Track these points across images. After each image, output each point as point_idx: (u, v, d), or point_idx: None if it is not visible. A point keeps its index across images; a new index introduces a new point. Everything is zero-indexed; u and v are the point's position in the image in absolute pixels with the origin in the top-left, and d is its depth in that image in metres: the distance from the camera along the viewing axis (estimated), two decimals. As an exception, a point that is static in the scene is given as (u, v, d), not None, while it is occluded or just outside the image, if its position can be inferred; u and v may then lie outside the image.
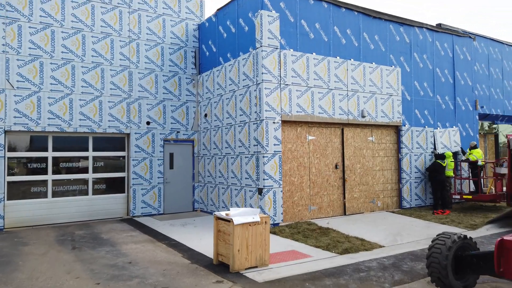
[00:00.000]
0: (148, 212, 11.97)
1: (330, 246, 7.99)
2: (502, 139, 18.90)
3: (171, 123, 12.55)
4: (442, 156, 12.43)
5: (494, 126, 18.38)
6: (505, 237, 4.75)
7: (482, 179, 12.81)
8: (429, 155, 13.20)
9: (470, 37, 15.01)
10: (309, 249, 7.89)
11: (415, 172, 12.81)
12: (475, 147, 13.32)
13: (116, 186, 11.85)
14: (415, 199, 12.75)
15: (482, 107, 15.76)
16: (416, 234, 9.17)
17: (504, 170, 12.27)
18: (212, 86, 12.21)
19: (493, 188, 12.76)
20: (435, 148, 13.32)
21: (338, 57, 11.22)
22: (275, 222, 9.74)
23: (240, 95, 10.71)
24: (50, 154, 10.87)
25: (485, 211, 12.10)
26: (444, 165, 12.36)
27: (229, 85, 11.24)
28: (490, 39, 16.82)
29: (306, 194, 10.64)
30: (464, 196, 12.23)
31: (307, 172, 10.67)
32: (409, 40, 12.99)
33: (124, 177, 11.93)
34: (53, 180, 10.88)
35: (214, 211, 11.78)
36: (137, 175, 11.85)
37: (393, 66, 12.46)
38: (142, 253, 7.61)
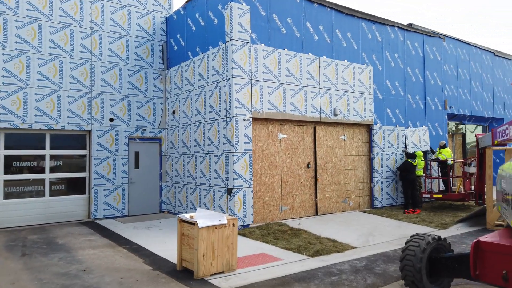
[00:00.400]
0: (111, 214, 11.29)
1: (301, 248, 7.68)
2: (469, 139, 19.34)
3: (137, 120, 11.91)
4: (413, 155, 12.43)
5: (462, 126, 18.76)
6: (481, 239, 4.55)
7: (451, 178, 12.90)
8: (400, 154, 13.19)
9: (440, 37, 15.17)
10: (279, 251, 7.54)
11: (387, 171, 12.76)
12: (444, 146, 13.44)
13: (76, 186, 11.10)
14: (387, 199, 12.70)
15: (451, 107, 15.98)
16: (388, 234, 9.02)
17: (472, 169, 12.40)
18: (180, 82, 11.67)
19: (462, 187, 12.89)
20: (406, 147, 13.33)
21: (310, 54, 10.96)
22: (245, 224, 9.34)
23: (209, 91, 10.24)
24: (1, 152, 10.02)
25: (454, 210, 12.19)
26: (415, 164, 12.36)
27: (198, 80, 10.75)
28: (458, 40, 17.10)
29: (278, 194, 10.31)
30: (434, 195, 12.28)
31: (278, 172, 10.34)
32: (381, 38, 12.92)
33: (85, 177, 11.19)
34: (4, 181, 10.02)
35: (182, 213, 11.25)
36: (99, 175, 11.14)
37: (365, 64, 12.34)
38: (99, 260, 7.02)
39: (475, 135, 11.60)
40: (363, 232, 9.19)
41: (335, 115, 11.39)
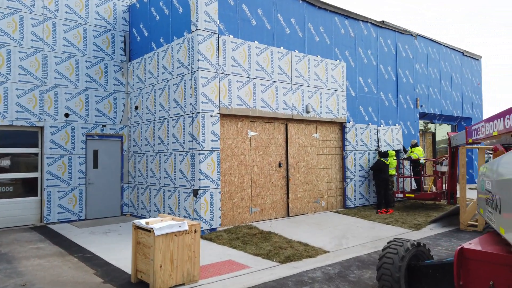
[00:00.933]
0: (67, 218, 10.36)
1: (271, 253, 7.14)
2: (438, 138, 19.49)
3: (96, 115, 11.02)
4: (386, 154, 12.19)
5: (432, 125, 18.87)
6: (465, 246, 4.15)
7: (423, 178, 12.76)
8: (373, 153, 12.93)
9: (411, 35, 15.06)
10: (248, 258, 6.97)
11: (359, 171, 12.46)
12: (416, 145, 13.30)
13: (26, 188, 10.10)
14: (359, 198, 12.40)
15: (422, 106, 15.94)
16: (361, 236, 8.65)
17: (444, 168, 12.30)
18: (143, 75, 10.87)
19: (434, 186, 12.79)
20: (378, 146, 13.09)
21: (282, 48, 10.45)
22: (212, 227, 8.72)
23: (174, 84, 9.53)
24: None
25: (426, 209, 12.04)
26: (388, 163, 12.13)
27: (162, 73, 10.01)
28: (429, 39, 17.12)
29: (247, 195, 9.74)
30: (407, 195, 12.09)
31: (248, 171, 9.77)
32: (354, 34, 12.60)
33: (36, 178, 10.20)
34: None
35: (145, 216, 10.49)
36: (53, 175, 10.19)
37: (338, 60, 11.97)
38: (44, 271, 6.21)
39: (447, 134, 11.48)
40: (336, 234, 8.77)
41: (308, 112, 10.95)
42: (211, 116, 8.80)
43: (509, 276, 3.74)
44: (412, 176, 13.24)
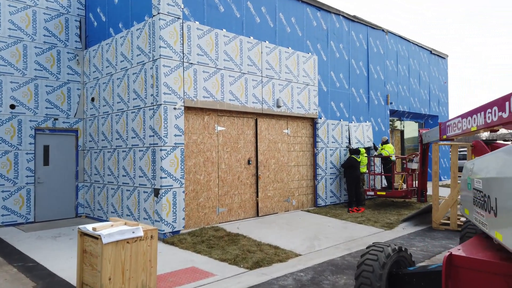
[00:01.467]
0: (12, 221, 9.31)
1: (238, 258, 6.55)
2: (407, 135, 19.59)
3: (47, 108, 9.99)
4: (357, 151, 11.89)
5: (398, 122, 18.91)
6: (454, 252, 3.73)
7: (394, 175, 12.57)
8: (344, 150, 12.62)
9: (383, 30, 14.89)
10: (213, 264, 6.35)
11: (331, 168, 12.10)
12: (386, 142, 13.13)
13: (-36, 188, 8.98)
14: (330, 197, 12.05)
15: (391, 103, 15.85)
16: (334, 236, 8.23)
17: (415, 166, 12.16)
18: (100, 64, 9.95)
19: (403, 184, 12.64)
20: (349, 143, 12.80)
21: (251, 37, 9.85)
22: (175, 230, 8.02)
23: (133, 74, 8.71)
24: None
25: (397, 207, 11.85)
26: (359, 160, 11.84)
27: (121, 61, 9.15)
28: (398, 36, 17.07)
29: (214, 194, 9.09)
30: (378, 193, 11.85)
31: (215, 169, 9.13)
32: (326, 27, 12.20)
33: (-24, 177, 9.09)
34: None
35: (102, 218, 9.63)
36: (-4, 173, 9.12)
37: (309, 53, 11.52)
38: (-28, 287, 5.32)
39: (419, 130, 11.32)
40: (308, 235, 8.31)
41: (278, 106, 10.42)
42: (175, 108, 8.08)
43: (503, 286, 3.34)
44: (383, 173, 13.06)
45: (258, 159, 10.13)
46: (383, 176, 13.34)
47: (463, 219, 9.06)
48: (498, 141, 5.72)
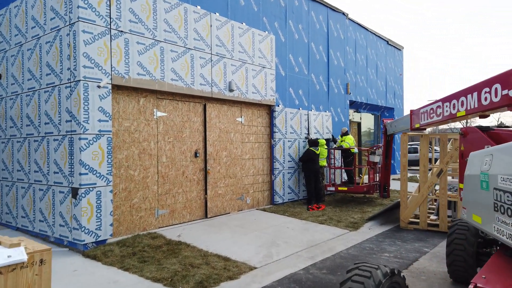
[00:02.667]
0: None
1: (178, 276, 5.13)
2: (364, 128, 19.04)
3: None
4: (316, 143, 10.81)
5: (357, 114, 18.26)
6: (480, 284, 2.58)
7: (356, 169, 11.68)
8: (303, 141, 11.51)
9: (343, 14, 13.94)
10: (143, 287, 4.87)
11: (289, 161, 10.93)
12: (346, 133, 12.20)
13: None
14: (288, 193, 10.89)
15: (350, 93, 15.05)
16: (294, 241, 7.03)
17: (377, 159, 11.34)
18: (8, 32, 7.95)
19: (362, 178, 11.80)
20: (308, 134, 11.71)
21: (199, 7, 8.33)
22: (100, 239, 6.39)
23: (47, 43, 6.88)
24: None
25: (359, 203, 10.96)
26: (318, 153, 10.78)
27: (32, 28, 7.25)
28: (357, 23, 16.30)
29: (153, 193, 7.54)
30: (339, 188, 10.87)
31: (154, 163, 7.56)
32: (285, 4, 10.94)
33: None
34: None
35: (11, 223, 7.75)
36: None
37: (266, 32, 10.21)
38: None
39: (382, 120, 10.45)
40: (264, 240, 7.04)
41: (231, 90, 9.02)
42: (99, 87, 6.40)
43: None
44: (343, 167, 12.13)
45: (207, 151, 8.69)
46: (343, 170, 12.44)
47: (433, 217, 8.26)
48: (499, 128, 4.76)
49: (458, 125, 46.92)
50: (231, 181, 9.32)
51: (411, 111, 7.77)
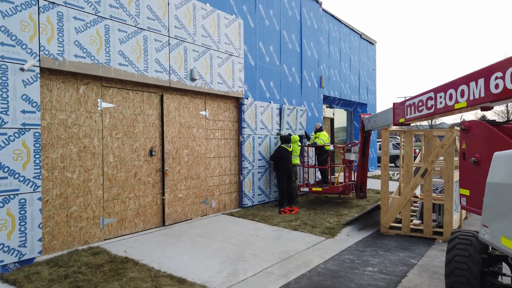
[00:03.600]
0: None
1: (116, 309, 4.02)
2: (337, 124, 18.38)
3: None
4: (288, 140, 9.89)
5: (330, 109, 17.55)
6: None
7: (330, 167, 10.86)
8: (275, 138, 10.56)
9: (317, 1, 13.07)
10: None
11: (259, 160, 9.96)
12: (320, 129, 11.36)
13: None
14: (259, 195, 9.92)
15: (323, 87, 14.26)
16: (264, 253, 6.05)
17: (353, 157, 10.57)
18: None
19: (342, 177, 11.01)
20: (280, 130, 10.78)
21: (154, -19, 7.17)
22: (24, 258, 5.16)
23: (-43, 15, 5.53)
24: None
25: (334, 205, 10.15)
26: (290, 150, 9.87)
27: None
28: (330, 15, 15.54)
29: (97, 199, 6.35)
30: (313, 189, 10.00)
31: (98, 163, 6.37)
32: (255, -14, 9.92)
33: None
34: None
35: None
36: None
37: (233, 16, 9.16)
38: None
39: (359, 115, 9.67)
40: (230, 253, 6.02)
41: (193, 80, 7.92)
42: (22, 70, 5.14)
43: None
44: (317, 166, 11.28)
45: (165, 149, 7.56)
46: (317, 169, 11.61)
47: (416, 221, 7.52)
48: (515, 121, 3.96)
49: (423, 123, 47.68)
50: (193, 183, 8.23)
51: (394, 104, 6.98)
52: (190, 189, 8.15)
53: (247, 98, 9.59)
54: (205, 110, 8.56)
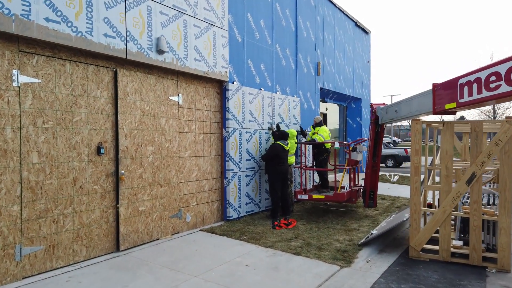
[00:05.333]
0: None
1: None
2: (331, 120, 16.58)
3: None
4: (285, 135, 7.99)
5: (323, 104, 15.71)
6: None
7: (336, 169, 8.95)
8: (266, 133, 8.62)
9: (315, -26, 11.18)
10: None
11: (247, 160, 7.99)
12: (320, 124, 9.46)
13: None
14: (246, 203, 7.95)
15: (320, 75, 12.41)
16: (261, 300, 4.09)
17: (360, 156, 8.74)
18: None
19: (347, 181, 9.15)
20: (272, 124, 8.85)
21: None
22: None
23: None
24: None
25: (338, 216, 8.28)
26: (287, 148, 7.97)
27: None
28: (326, -4, 13.68)
29: (11, 218, 4.25)
30: (314, 197, 8.08)
31: (13, 164, 4.28)
32: None
33: None
34: None
35: None
36: None
37: (217, -24, 7.15)
38: None
39: (371, 105, 7.84)
40: (209, 301, 4.04)
41: (160, 52, 5.88)
42: None
43: None
44: (317, 168, 9.36)
45: (120, 146, 5.49)
46: (315, 171, 9.73)
47: (456, 242, 5.70)
48: None
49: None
50: (161, 191, 6.19)
51: (435, 84, 5.14)
52: (157, 199, 6.11)
53: (233, 83, 7.60)
54: (178, 95, 6.53)
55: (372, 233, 6.34)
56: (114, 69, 5.43)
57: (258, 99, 8.27)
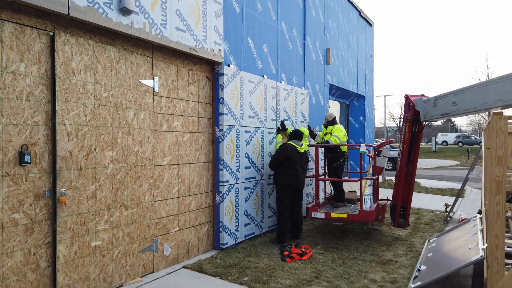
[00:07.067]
0: None
1: None
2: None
3: None
4: (299, 135, 6.16)
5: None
6: None
7: (367, 180, 7.15)
8: (269, 132, 6.75)
9: None
10: None
11: (246, 168, 6.11)
12: (334, 121, 7.62)
13: None
14: (245, 224, 6.07)
15: (329, 63, 10.65)
16: None
17: (385, 162, 6.96)
18: None
19: (370, 194, 7.38)
20: (277, 121, 6.99)
21: None
22: None
23: None
24: None
25: (359, 238, 6.47)
26: (302, 151, 6.15)
27: None
28: (331, -23, 11.92)
29: None
30: (334, 215, 6.23)
31: None
32: None
33: None
34: None
35: None
36: None
37: None
38: None
39: (406, 96, 6.05)
40: None
41: (125, 12, 3.97)
42: None
43: None
44: (327, 176, 7.54)
45: (60, 150, 3.57)
46: (327, 181, 7.90)
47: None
48: None
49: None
50: (127, 215, 4.26)
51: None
52: (120, 227, 4.19)
53: (229, 65, 5.72)
54: (153, 79, 4.63)
55: (419, 269, 4.58)
56: (51, 32, 3.51)
57: (260, 89, 6.41)
